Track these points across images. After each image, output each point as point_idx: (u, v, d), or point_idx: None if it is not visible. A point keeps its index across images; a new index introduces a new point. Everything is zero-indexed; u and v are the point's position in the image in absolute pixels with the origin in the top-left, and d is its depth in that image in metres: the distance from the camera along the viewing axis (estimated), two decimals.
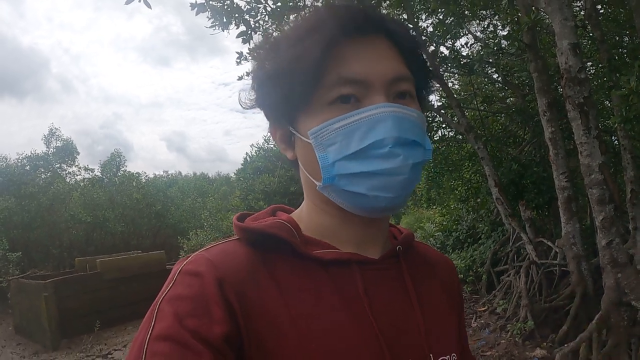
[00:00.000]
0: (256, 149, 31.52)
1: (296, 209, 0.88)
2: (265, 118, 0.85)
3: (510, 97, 10.34)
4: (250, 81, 0.82)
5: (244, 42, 6.00)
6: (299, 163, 0.81)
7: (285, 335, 0.66)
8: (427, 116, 8.96)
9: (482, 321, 6.55)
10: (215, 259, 0.69)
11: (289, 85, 0.72)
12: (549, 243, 6.68)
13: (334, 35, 0.71)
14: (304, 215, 0.84)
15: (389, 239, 0.87)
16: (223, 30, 6.09)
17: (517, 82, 9.24)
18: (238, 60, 6.74)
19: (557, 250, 6.32)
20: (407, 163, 0.70)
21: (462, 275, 8.75)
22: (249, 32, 6.03)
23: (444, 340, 0.81)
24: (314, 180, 0.77)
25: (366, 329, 0.71)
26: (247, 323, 0.65)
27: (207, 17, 5.92)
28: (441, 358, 0.78)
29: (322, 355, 0.66)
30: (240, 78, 7.83)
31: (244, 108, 0.84)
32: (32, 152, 16.43)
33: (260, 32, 6.44)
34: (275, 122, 0.82)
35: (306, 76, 0.70)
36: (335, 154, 0.71)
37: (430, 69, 0.86)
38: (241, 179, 27.13)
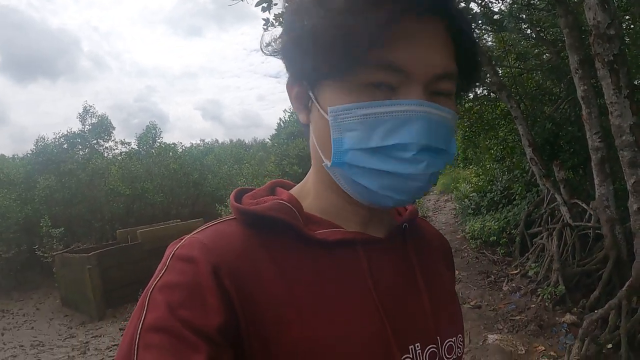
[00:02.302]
0: (289, 113, 31.55)
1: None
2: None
3: (546, 53, 9.91)
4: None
5: (263, 10, 5.92)
6: (311, 131, 0.74)
7: (286, 320, 0.63)
8: None
9: (514, 284, 6.46)
10: (209, 242, 0.65)
11: (330, 50, 0.63)
12: (584, 205, 6.45)
13: (398, 11, 0.61)
14: (310, 188, 0.79)
15: (394, 216, 0.84)
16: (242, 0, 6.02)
17: (551, 37, 8.83)
18: (265, 27, 6.64)
19: (592, 213, 6.13)
20: (427, 172, 0.64)
21: (495, 238, 8.64)
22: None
23: (451, 322, 0.79)
24: (322, 157, 0.71)
25: (371, 313, 0.68)
26: (244, 310, 0.61)
27: None
28: (448, 340, 0.76)
29: (326, 341, 0.63)
30: (268, 45, 7.80)
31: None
32: (69, 130, 16.57)
33: None
34: (295, 79, 0.74)
35: (354, 50, 0.61)
36: (351, 142, 0.65)
37: (481, 64, 0.76)
38: (276, 144, 27.21)
